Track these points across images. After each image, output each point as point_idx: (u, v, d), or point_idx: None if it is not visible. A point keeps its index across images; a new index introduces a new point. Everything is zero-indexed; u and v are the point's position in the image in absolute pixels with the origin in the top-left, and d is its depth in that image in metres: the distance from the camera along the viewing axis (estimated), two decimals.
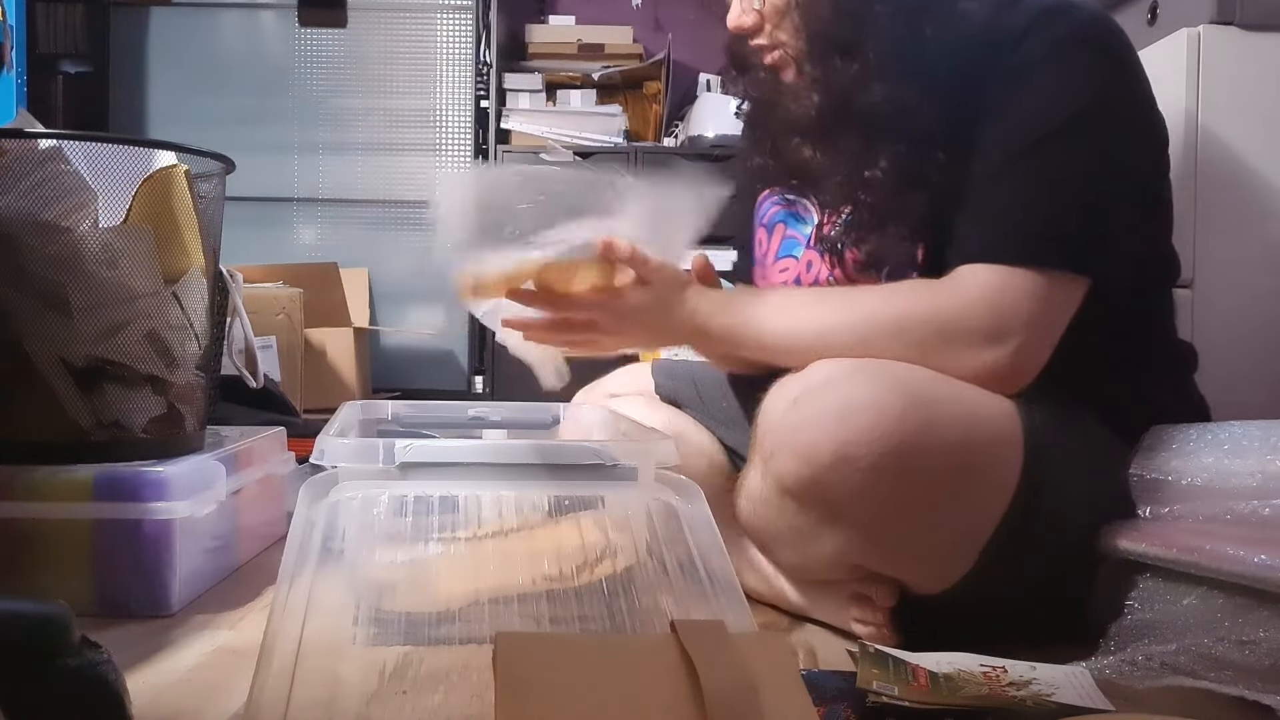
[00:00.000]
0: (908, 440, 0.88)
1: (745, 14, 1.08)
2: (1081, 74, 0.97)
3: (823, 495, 0.91)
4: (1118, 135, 0.98)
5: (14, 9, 3.06)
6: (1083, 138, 0.96)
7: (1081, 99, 0.97)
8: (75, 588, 1.05)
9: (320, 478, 0.84)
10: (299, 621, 0.72)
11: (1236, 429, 0.99)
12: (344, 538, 0.82)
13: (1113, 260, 0.98)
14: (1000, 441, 0.93)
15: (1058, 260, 0.96)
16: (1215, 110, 1.60)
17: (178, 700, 0.83)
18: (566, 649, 0.68)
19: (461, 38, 3.36)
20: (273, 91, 3.34)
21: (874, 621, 0.98)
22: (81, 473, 1.06)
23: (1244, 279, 1.59)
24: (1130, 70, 1.03)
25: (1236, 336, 1.59)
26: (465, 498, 0.85)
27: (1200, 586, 0.88)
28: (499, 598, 0.89)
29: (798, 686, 0.65)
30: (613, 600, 0.85)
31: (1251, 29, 1.59)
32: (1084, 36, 0.98)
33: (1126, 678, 0.85)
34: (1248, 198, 1.60)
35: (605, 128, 3.38)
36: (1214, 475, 0.97)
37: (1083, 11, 1.00)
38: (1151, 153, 1.06)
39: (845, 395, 0.90)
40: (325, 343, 2.75)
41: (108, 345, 1.09)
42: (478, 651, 0.79)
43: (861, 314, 0.99)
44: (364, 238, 3.36)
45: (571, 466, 0.88)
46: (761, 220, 1.21)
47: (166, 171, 1.14)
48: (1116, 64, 1.00)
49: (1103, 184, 0.98)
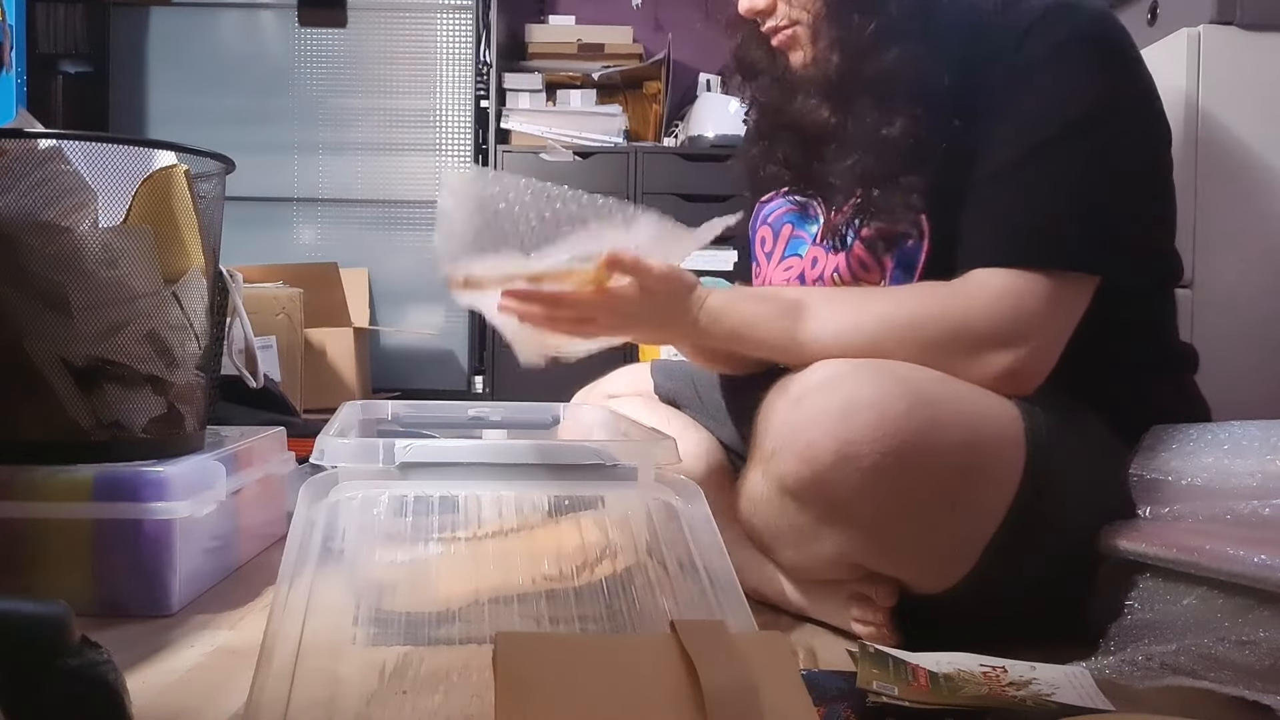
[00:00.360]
0: (910, 440, 0.88)
1: None
2: (1085, 74, 0.98)
3: (824, 494, 0.91)
4: (1122, 135, 0.98)
5: (14, 9, 3.06)
6: (1087, 138, 0.96)
7: (1085, 100, 0.97)
8: (75, 588, 1.05)
9: (320, 478, 0.84)
10: (299, 621, 0.72)
11: (1236, 429, 0.99)
12: (344, 538, 0.82)
13: (1119, 259, 0.98)
14: (1003, 442, 0.93)
15: (1068, 261, 0.96)
16: (1215, 110, 1.60)
17: (178, 700, 0.83)
18: (566, 649, 0.68)
19: (461, 38, 3.36)
20: (272, 91, 3.34)
21: (874, 621, 0.98)
22: (81, 473, 1.06)
23: (1244, 279, 1.59)
24: (1134, 69, 1.03)
25: (1236, 336, 1.59)
26: (465, 498, 0.85)
27: (1200, 586, 0.88)
28: (499, 598, 0.89)
29: (798, 686, 0.65)
30: (613, 600, 0.85)
31: (1251, 29, 1.59)
32: (1088, 35, 0.98)
33: (1126, 678, 0.85)
34: (1248, 197, 1.60)
35: (605, 128, 3.37)
36: (1214, 475, 0.97)
37: (1087, 10, 1.00)
38: (1155, 152, 1.06)
39: (848, 394, 0.90)
40: (325, 343, 2.75)
41: (108, 345, 1.09)
42: (478, 651, 0.79)
43: (873, 315, 0.98)
44: (364, 238, 3.36)
45: (572, 466, 0.88)
46: (767, 220, 1.21)
47: (166, 171, 1.14)
48: (1120, 63, 1.00)
49: (1108, 183, 0.98)
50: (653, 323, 1.03)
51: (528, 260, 0.96)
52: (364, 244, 3.35)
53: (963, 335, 0.95)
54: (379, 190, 3.37)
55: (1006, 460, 0.93)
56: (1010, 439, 0.93)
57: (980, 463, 0.92)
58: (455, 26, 3.36)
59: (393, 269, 3.36)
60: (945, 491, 0.91)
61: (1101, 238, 0.97)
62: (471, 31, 3.35)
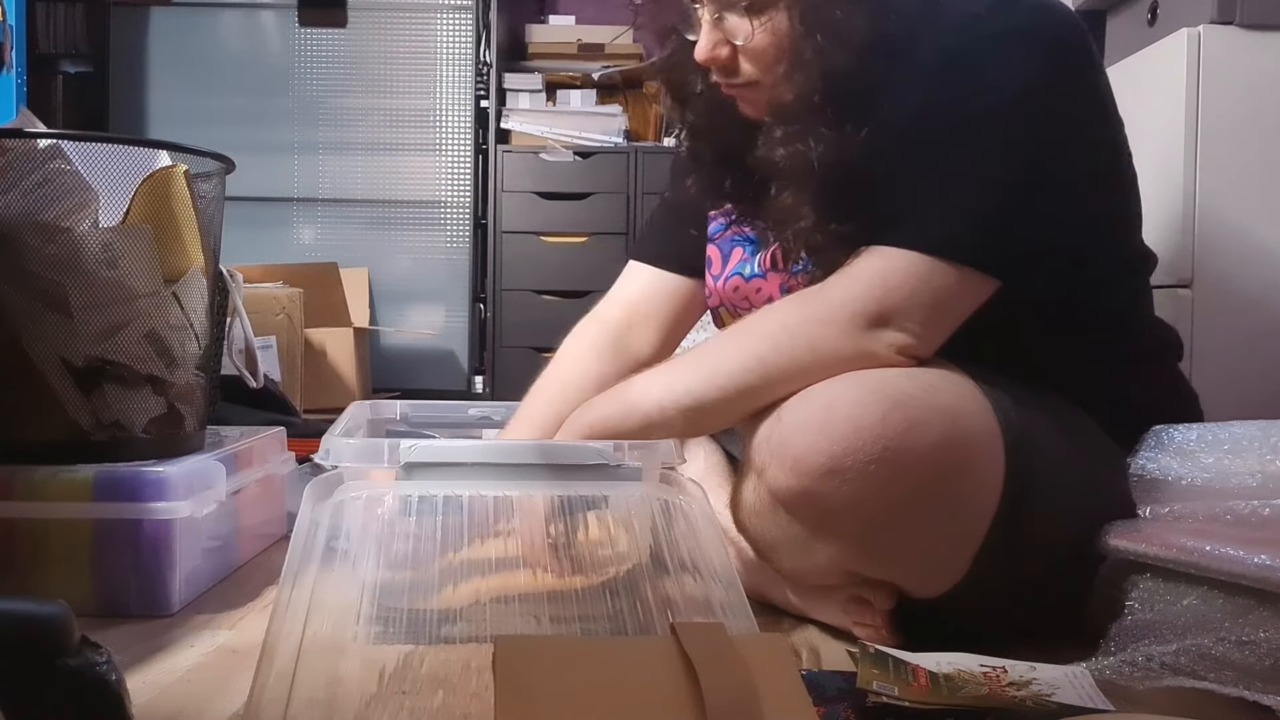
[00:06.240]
0: (892, 444, 0.87)
1: (719, 46, 0.99)
2: (1016, 67, 0.94)
3: (815, 506, 0.91)
4: (1051, 130, 0.95)
5: (14, 9, 3.06)
6: (1008, 131, 0.94)
7: (1011, 93, 0.94)
8: (75, 588, 1.05)
9: (325, 477, 0.84)
10: (301, 621, 0.72)
11: (1236, 429, 0.99)
12: (348, 537, 0.82)
13: (1018, 261, 0.95)
14: (980, 432, 0.92)
15: (961, 256, 0.94)
16: (1215, 110, 1.60)
17: (178, 700, 0.83)
18: (566, 652, 0.68)
19: (461, 38, 3.36)
20: (272, 91, 3.34)
21: (873, 624, 0.98)
22: (81, 473, 1.06)
23: (1244, 279, 1.59)
24: (1076, 65, 0.99)
25: (1236, 336, 1.59)
26: (469, 498, 0.85)
27: (1200, 586, 0.88)
28: (501, 597, 0.89)
29: (798, 689, 0.65)
30: (614, 600, 0.85)
31: (1251, 29, 1.59)
32: (1018, 29, 0.95)
33: (1126, 678, 0.85)
34: (1248, 198, 1.61)
35: (605, 128, 3.38)
36: (1214, 475, 0.97)
37: (1027, 3, 0.97)
38: (1092, 149, 1.02)
39: (824, 406, 0.90)
40: (325, 343, 2.75)
41: (108, 345, 1.09)
42: (479, 650, 0.79)
43: (751, 335, 0.98)
44: (364, 238, 3.36)
45: (575, 467, 0.88)
46: (713, 238, 1.18)
47: (166, 171, 1.14)
48: (1059, 58, 0.97)
49: (1013, 178, 0.95)
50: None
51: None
52: (364, 244, 3.35)
53: (827, 314, 0.95)
54: (379, 190, 3.37)
55: (986, 451, 0.92)
56: (986, 429, 0.93)
57: (962, 457, 0.91)
58: (455, 26, 3.36)
59: (393, 269, 3.36)
60: (933, 491, 0.90)
61: (1001, 237, 0.95)
62: (471, 31, 3.35)
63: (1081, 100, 1.00)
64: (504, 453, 0.89)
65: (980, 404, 0.94)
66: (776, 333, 0.97)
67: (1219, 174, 1.60)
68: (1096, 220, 1.03)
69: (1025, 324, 0.99)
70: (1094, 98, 1.02)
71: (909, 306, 0.94)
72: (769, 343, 0.97)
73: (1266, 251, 1.60)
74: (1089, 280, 1.04)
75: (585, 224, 3.32)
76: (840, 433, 0.88)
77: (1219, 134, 1.60)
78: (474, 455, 0.87)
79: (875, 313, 0.94)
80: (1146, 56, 1.72)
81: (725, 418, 1.00)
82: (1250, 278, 1.59)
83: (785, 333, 0.96)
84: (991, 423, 0.93)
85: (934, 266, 0.94)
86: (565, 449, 0.90)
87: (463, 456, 0.87)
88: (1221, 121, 1.60)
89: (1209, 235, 1.57)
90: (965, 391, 0.94)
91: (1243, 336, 1.59)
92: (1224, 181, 1.60)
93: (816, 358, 0.95)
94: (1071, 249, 1.01)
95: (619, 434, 0.97)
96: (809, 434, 0.89)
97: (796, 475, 0.90)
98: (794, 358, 0.95)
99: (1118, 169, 1.06)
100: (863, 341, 0.95)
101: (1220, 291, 1.59)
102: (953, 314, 0.96)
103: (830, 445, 0.88)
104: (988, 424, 0.93)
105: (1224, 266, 1.58)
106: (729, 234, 1.16)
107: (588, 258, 3.28)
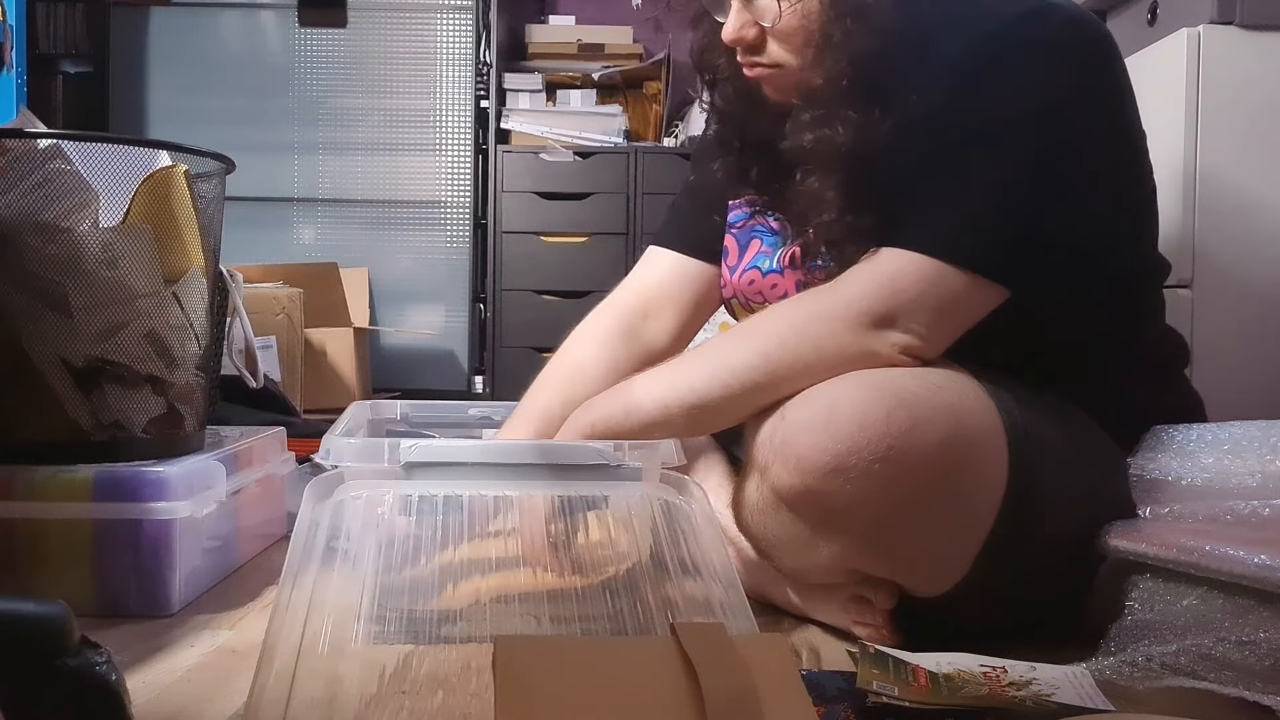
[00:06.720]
0: (896, 443, 0.87)
1: (746, 27, 1.00)
2: (1039, 77, 0.94)
3: (819, 505, 0.91)
4: (1071, 141, 0.96)
5: (14, 9, 3.06)
6: (1028, 141, 0.94)
7: (1034, 102, 0.94)
8: (75, 588, 1.05)
9: (325, 477, 0.84)
10: (300, 621, 0.72)
11: (1236, 429, 0.99)
12: (348, 537, 0.82)
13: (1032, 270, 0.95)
14: (983, 430, 0.92)
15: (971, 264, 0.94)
16: (1215, 110, 1.60)
17: (178, 700, 0.83)
18: (566, 652, 0.68)
19: (461, 38, 3.36)
20: (272, 91, 3.34)
21: (874, 623, 0.98)
22: (81, 473, 1.06)
23: (1244, 279, 1.59)
24: (1101, 75, 0.99)
25: (1236, 336, 1.59)
26: (469, 497, 0.85)
27: (1200, 586, 0.88)
28: (500, 597, 0.89)
29: (798, 689, 0.65)
30: (614, 600, 0.85)
31: (1251, 29, 1.59)
32: (1047, 41, 0.95)
33: (1126, 678, 0.85)
34: (1248, 197, 1.61)
35: (605, 128, 3.38)
36: (1214, 475, 0.97)
37: (1058, 13, 0.96)
38: (1113, 165, 1.02)
39: (829, 404, 0.90)
40: (325, 343, 2.76)
41: (108, 345, 1.09)
42: (479, 651, 0.80)
43: (758, 333, 0.98)
44: (364, 238, 3.36)
45: (576, 466, 0.88)
46: (732, 228, 1.18)
47: (166, 171, 1.14)
48: (1079, 72, 0.97)
49: (1043, 192, 0.95)
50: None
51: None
52: (364, 244, 3.35)
53: (832, 313, 0.95)
54: (379, 190, 3.37)
55: (990, 449, 0.92)
56: (989, 427, 0.93)
57: (965, 455, 0.91)
58: (455, 26, 3.36)
59: (393, 269, 3.36)
60: (936, 490, 0.90)
61: (1015, 248, 0.95)
62: (471, 31, 3.35)
63: (1105, 116, 1.00)
64: (504, 452, 0.89)
65: (984, 403, 0.94)
66: (783, 330, 0.97)
67: (1219, 174, 1.60)
68: (1113, 235, 1.03)
69: (1034, 330, 0.99)
70: (1118, 114, 1.02)
71: (916, 309, 0.94)
72: (775, 340, 0.97)
73: (1267, 252, 1.60)
74: (1102, 292, 1.03)
75: (585, 224, 3.32)
76: (844, 431, 0.88)
77: (1219, 134, 1.60)
78: (474, 455, 0.87)
79: (882, 313, 0.94)
80: (1146, 56, 1.71)
81: (729, 416, 1.00)
82: (1250, 278, 1.59)
83: (791, 330, 0.97)
84: (995, 421, 0.93)
85: (945, 272, 0.94)
86: (565, 449, 0.90)
87: (463, 456, 0.87)
88: (1221, 121, 1.60)
89: (1209, 235, 1.57)
90: (969, 390, 0.94)
91: (1243, 336, 1.59)
92: (1224, 181, 1.60)
93: (821, 355, 0.95)
94: (1086, 262, 1.01)
95: (620, 433, 0.97)
96: (813, 432, 0.89)
97: (800, 474, 0.90)
98: (799, 355, 0.95)
99: (1138, 184, 1.06)
100: (868, 341, 0.95)
101: (1220, 291, 1.59)
102: (960, 319, 0.96)
103: (834, 444, 0.88)
104: (991, 423, 0.93)
105: (1224, 267, 1.58)
106: (749, 224, 1.16)
107: (588, 258, 3.29)
